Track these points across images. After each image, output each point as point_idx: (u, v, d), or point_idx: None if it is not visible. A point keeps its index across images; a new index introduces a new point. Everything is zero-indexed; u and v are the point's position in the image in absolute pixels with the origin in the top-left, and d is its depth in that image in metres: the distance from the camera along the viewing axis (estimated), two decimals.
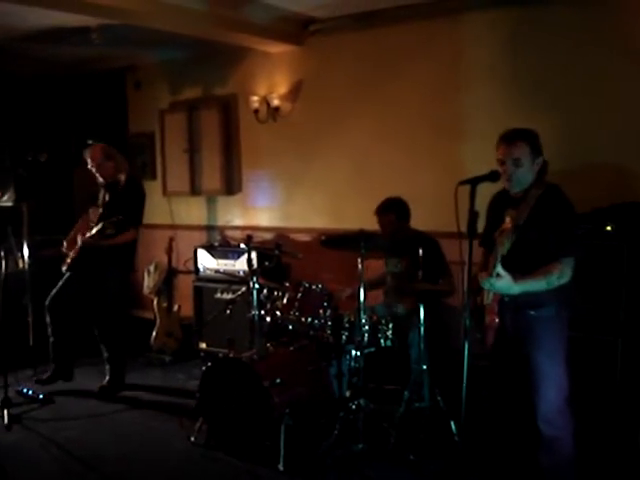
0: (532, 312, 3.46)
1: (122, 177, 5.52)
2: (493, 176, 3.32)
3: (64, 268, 5.61)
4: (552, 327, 3.49)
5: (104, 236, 5.17)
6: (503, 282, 3.33)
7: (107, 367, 5.72)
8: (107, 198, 5.53)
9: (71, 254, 5.52)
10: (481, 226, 3.47)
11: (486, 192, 3.50)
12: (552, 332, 3.48)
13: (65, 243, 5.66)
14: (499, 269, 3.32)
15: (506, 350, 3.66)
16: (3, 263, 5.19)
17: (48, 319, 5.64)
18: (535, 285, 3.39)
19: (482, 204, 3.41)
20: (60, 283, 5.63)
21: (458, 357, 4.48)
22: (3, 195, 6.30)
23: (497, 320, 3.52)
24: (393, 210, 4.98)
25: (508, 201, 3.58)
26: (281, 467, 4.05)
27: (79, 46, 6.37)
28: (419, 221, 5.10)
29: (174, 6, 5.17)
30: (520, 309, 3.48)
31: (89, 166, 5.51)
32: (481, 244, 3.88)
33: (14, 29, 5.74)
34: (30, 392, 5.48)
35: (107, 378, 5.69)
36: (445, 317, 5.03)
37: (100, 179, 5.52)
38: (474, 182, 3.28)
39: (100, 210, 5.50)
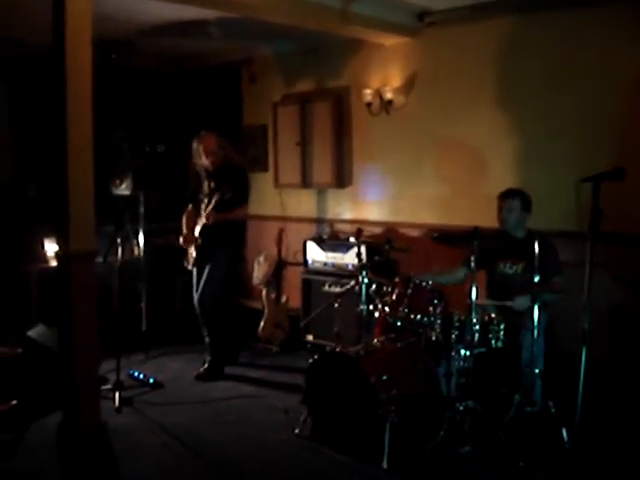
0: None
1: (230, 164, 5.74)
2: (618, 173, 3.15)
3: (191, 264, 5.79)
4: None
5: (224, 205, 5.42)
6: None
7: (207, 353, 5.83)
8: (213, 185, 5.69)
9: (193, 246, 5.71)
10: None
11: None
12: None
13: (182, 239, 5.83)
14: None
15: None
16: (120, 250, 5.35)
17: (201, 320, 5.81)
18: None
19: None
20: (195, 280, 5.82)
21: (570, 361, 4.36)
22: (121, 183, 6.49)
23: None
24: (519, 195, 4.83)
25: None
26: (385, 465, 3.99)
27: (197, 39, 6.50)
28: (533, 219, 4.92)
29: None
30: None
31: (200, 153, 5.69)
32: None
33: (134, 23, 5.89)
34: (141, 376, 5.65)
35: (205, 365, 5.81)
36: (557, 319, 4.86)
37: (209, 166, 5.70)
38: (598, 179, 3.14)
39: (207, 199, 5.67)
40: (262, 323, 6.71)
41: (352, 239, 5.54)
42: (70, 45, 3.97)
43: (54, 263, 5.11)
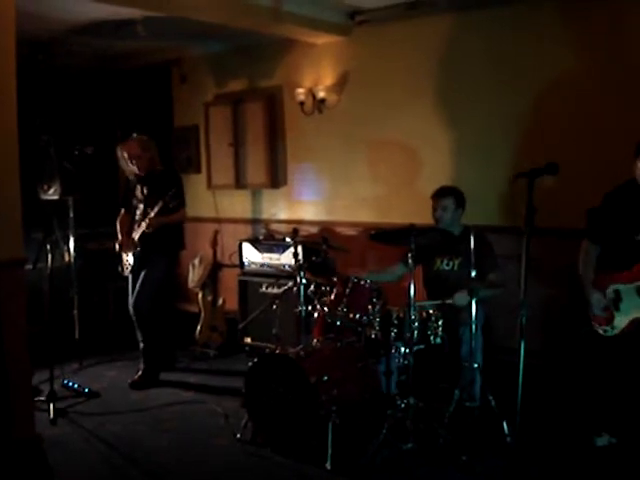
0: None
1: (157, 167, 5.66)
2: (551, 169, 3.19)
3: (127, 271, 5.67)
4: None
5: (166, 212, 5.33)
6: None
7: (141, 361, 5.73)
8: (145, 191, 5.59)
9: (130, 254, 5.60)
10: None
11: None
12: None
13: (117, 246, 5.71)
14: None
15: None
16: (50, 256, 5.19)
17: (136, 325, 5.68)
18: None
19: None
20: (130, 287, 5.70)
21: (507, 355, 4.42)
22: (49, 188, 6.31)
23: None
24: (452, 194, 4.87)
25: None
26: (328, 466, 3.96)
27: (125, 39, 6.35)
28: (469, 215, 4.98)
29: None
30: None
31: (125, 160, 5.60)
32: (595, 241, 3.92)
33: (60, 22, 5.72)
34: (75, 385, 5.50)
35: (140, 373, 5.70)
36: (493, 314, 4.93)
37: (137, 171, 5.60)
38: (532, 175, 3.17)
39: (142, 205, 5.58)
40: (199, 327, 6.61)
41: (288, 239, 5.50)
42: None
43: None
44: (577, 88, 4.99)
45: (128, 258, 5.63)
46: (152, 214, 5.35)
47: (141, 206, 5.60)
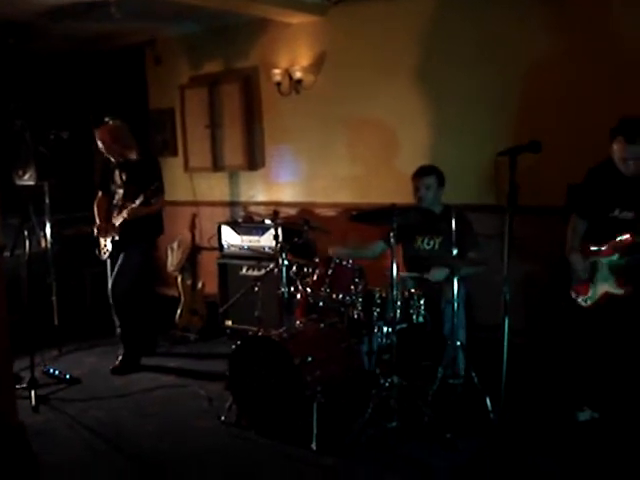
0: None
1: (133, 154, 5.59)
2: (534, 146, 3.19)
3: (105, 256, 5.62)
4: None
5: (147, 204, 5.29)
6: None
7: (121, 346, 5.70)
8: (124, 177, 5.54)
9: (108, 238, 5.55)
10: None
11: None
12: None
13: (96, 230, 5.65)
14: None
15: None
16: (27, 243, 5.13)
17: (114, 310, 5.64)
18: None
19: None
20: (109, 272, 5.66)
21: (489, 333, 4.44)
22: (24, 174, 6.22)
23: None
24: (434, 173, 4.87)
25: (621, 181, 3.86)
26: (314, 446, 3.98)
27: (98, 21, 6.23)
28: (449, 194, 4.99)
29: None
30: None
31: (101, 146, 5.55)
32: (583, 216, 4.04)
33: (32, 4, 5.61)
34: (56, 372, 5.45)
35: (120, 358, 5.67)
36: (475, 292, 4.96)
37: (116, 158, 5.56)
38: (513, 152, 3.17)
39: (121, 190, 5.53)
40: (179, 311, 6.58)
41: (268, 221, 5.48)
42: None
43: None
44: (559, 66, 4.99)
45: (106, 242, 5.58)
46: (134, 205, 5.30)
47: (120, 191, 5.55)
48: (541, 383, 4.69)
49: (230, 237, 6.56)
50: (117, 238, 5.49)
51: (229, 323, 6.46)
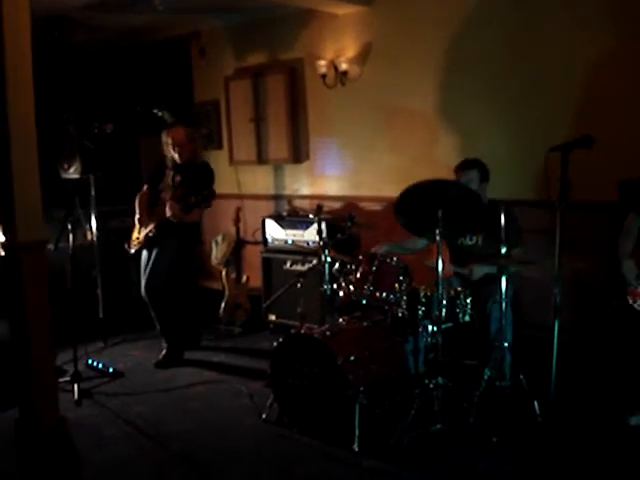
0: None
1: (199, 159, 5.68)
2: (586, 141, 3.06)
3: (134, 249, 5.65)
4: None
5: (195, 206, 5.28)
6: None
7: (163, 340, 5.70)
8: (178, 179, 5.53)
9: (144, 231, 5.57)
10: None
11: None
12: None
13: (138, 224, 5.67)
14: None
15: None
16: (71, 236, 5.15)
17: (150, 307, 5.64)
18: None
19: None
20: (142, 269, 5.65)
21: (538, 332, 4.31)
22: (70, 167, 6.26)
23: None
24: (477, 166, 4.72)
25: None
26: (356, 447, 3.90)
27: (142, 13, 6.24)
28: (497, 189, 4.84)
29: None
30: None
31: (168, 145, 5.53)
32: None
33: None
34: (100, 365, 5.48)
35: (164, 352, 5.67)
36: (522, 289, 4.81)
37: (177, 159, 5.54)
38: (566, 148, 3.05)
39: (170, 191, 5.52)
40: (223, 304, 6.57)
41: (311, 216, 5.40)
42: (7, 22, 3.74)
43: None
44: (611, 58, 4.80)
45: (139, 236, 5.60)
46: (190, 203, 5.27)
47: (168, 191, 5.54)
48: (590, 385, 4.52)
49: (274, 231, 6.51)
50: (152, 234, 5.50)
51: (273, 317, 6.42)
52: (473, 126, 5.54)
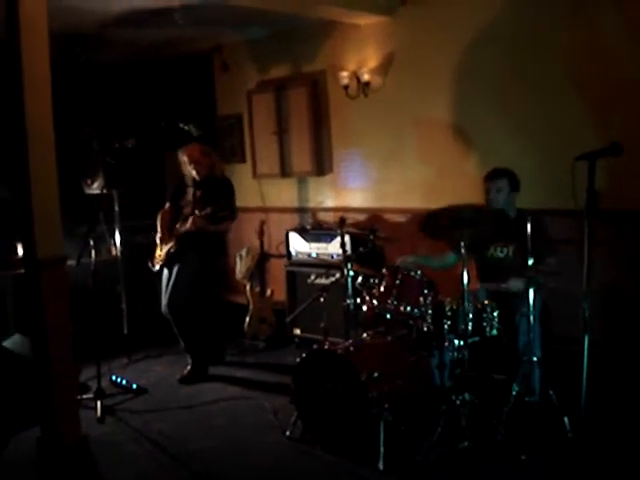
0: None
1: (218, 173, 5.68)
2: (614, 149, 2.95)
3: (157, 267, 5.64)
4: None
5: (214, 219, 5.26)
6: None
7: (188, 356, 5.66)
8: (198, 194, 5.55)
9: (165, 248, 5.57)
10: None
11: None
12: None
13: (158, 238, 5.66)
14: None
15: None
16: (93, 251, 5.14)
17: (172, 324, 5.61)
18: None
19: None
20: (164, 286, 5.63)
21: (567, 345, 4.18)
22: (93, 183, 6.27)
23: None
24: (507, 175, 4.62)
25: None
26: (381, 466, 3.81)
27: (163, 28, 6.23)
28: (524, 199, 4.73)
29: None
30: None
31: (184, 163, 5.56)
32: None
33: (97, 14, 5.62)
34: (124, 382, 5.44)
35: (188, 368, 5.63)
36: (551, 301, 4.68)
37: (195, 176, 5.55)
38: (592, 157, 2.95)
39: (189, 208, 5.52)
40: (247, 319, 6.51)
41: (336, 230, 5.33)
42: (25, 40, 3.74)
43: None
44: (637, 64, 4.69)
45: (162, 253, 5.58)
46: (202, 213, 5.28)
47: (189, 208, 5.54)
48: (622, 400, 4.38)
49: (298, 244, 6.45)
50: (173, 250, 5.48)
51: (298, 332, 6.35)
52: (499, 136, 5.43)
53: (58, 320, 3.96)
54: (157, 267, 5.65)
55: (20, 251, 6.34)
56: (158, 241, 5.67)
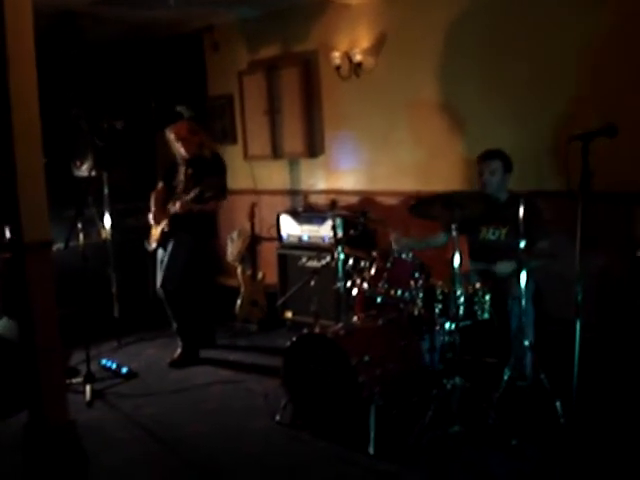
0: None
1: (206, 152, 5.60)
2: (609, 131, 2.90)
3: (153, 245, 5.58)
4: None
5: (200, 200, 5.22)
6: None
7: (179, 339, 5.63)
8: (190, 172, 5.52)
9: (159, 227, 5.54)
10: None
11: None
12: None
13: (151, 217, 5.61)
14: None
15: None
16: (81, 234, 5.08)
17: (166, 305, 5.57)
18: None
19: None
20: (158, 267, 5.61)
21: (560, 327, 4.15)
22: (82, 164, 6.19)
23: None
24: (500, 157, 4.58)
25: None
26: (371, 450, 3.78)
27: (154, 8, 6.15)
28: (517, 180, 4.69)
29: None
30: None
31: (172, 142, 5.54)
32: None
33: None
34: (113, 366, 5.40)
35: (179, 351, 5.60)
36: (545, 283, 4.64)
37: (184, 154, 5.52)
38: (587, 138, 2.90)
39: (182, 186, 5.51)
40: (238, 301, 6.47)
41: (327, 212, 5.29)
42: (10, 15, 3.64)
43: None
44: (634, 42, 4.62)
45: (157, 231, 5.56)
46: (187, 198, 5.26)
47: (181, 186, 5.53)
48: (615, 384, 4.35)
49: (290, 227, 6.40)
50: (166, 229, 5.45)
51: (289, 315, 6.31)
52: (492, 117, 5.37)
53: (44, 304, 3.89)
54: (153, 245, 5.62)
55: (7, 234, 6.29)
56: (152, 221, 5.63)
